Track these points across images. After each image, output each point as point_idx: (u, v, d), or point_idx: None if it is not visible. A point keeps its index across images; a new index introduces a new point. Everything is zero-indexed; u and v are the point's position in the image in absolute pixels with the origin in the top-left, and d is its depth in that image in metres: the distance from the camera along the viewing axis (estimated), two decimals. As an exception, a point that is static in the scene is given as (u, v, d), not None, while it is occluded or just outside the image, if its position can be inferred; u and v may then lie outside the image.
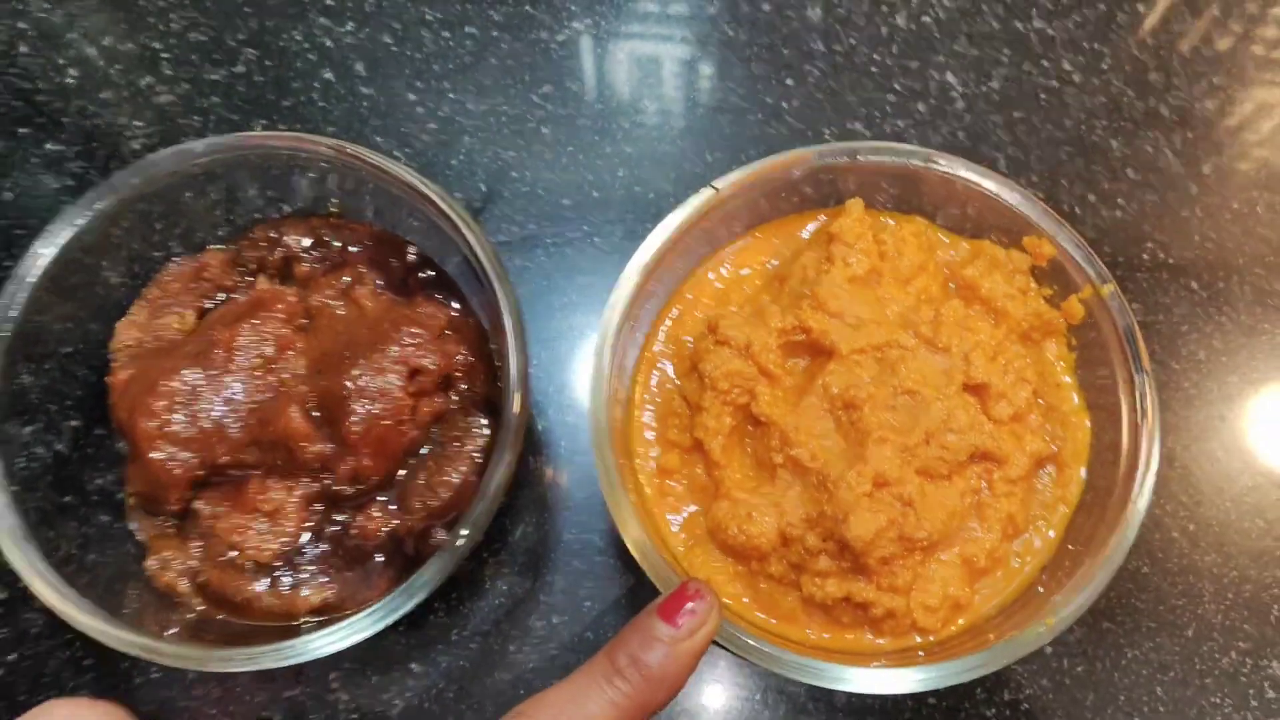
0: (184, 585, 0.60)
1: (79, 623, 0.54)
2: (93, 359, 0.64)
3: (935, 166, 0.63)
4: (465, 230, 0.60)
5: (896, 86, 0.79)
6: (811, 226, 0.66)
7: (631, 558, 0.56)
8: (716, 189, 0.62)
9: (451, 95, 0.79)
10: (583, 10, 0.81)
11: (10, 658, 0.65)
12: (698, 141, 0.77)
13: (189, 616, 0.60)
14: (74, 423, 0.62)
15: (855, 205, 0.63)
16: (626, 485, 0.57)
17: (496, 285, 0.59)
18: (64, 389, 0.62)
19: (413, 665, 0.65)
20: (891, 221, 0.65)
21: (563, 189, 0.76)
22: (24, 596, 0.51)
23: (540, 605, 0.66)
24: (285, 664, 0.54)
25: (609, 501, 0.56)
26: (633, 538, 0.56)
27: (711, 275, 0.65)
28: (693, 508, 0.61)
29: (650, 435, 0.62)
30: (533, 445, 0.69)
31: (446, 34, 0.80)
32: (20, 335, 0.59)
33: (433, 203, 0.61)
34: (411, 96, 0.78)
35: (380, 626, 0.54)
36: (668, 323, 0.64)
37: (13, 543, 0.55)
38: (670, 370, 0.64)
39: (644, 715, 0.46)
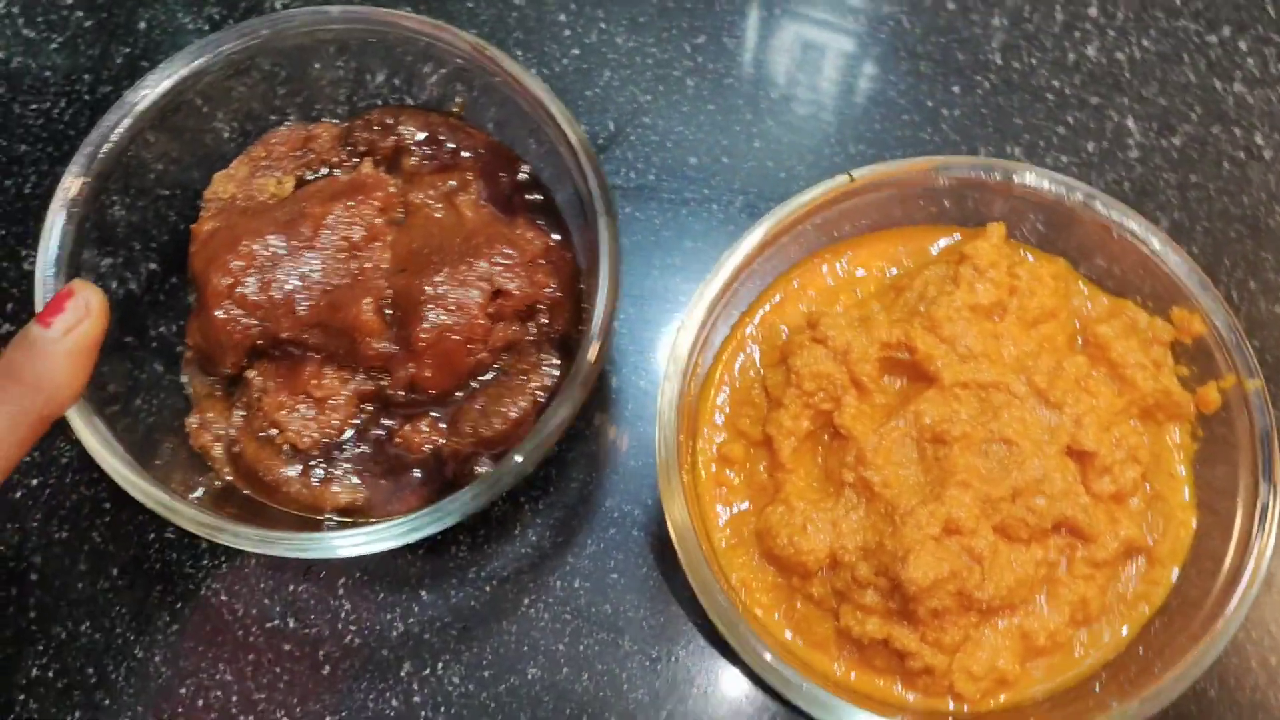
0: (218, 450, 0.59)
1: (107, 464, 0.53)
2: (185, 206, 0.63)
3: (1095, 208, 0.58)
4: (583, 160, 0.57)
5: (1069, 119, 0.74)
6: (943, 242, 0.62)
7: (669, 542, 0.53)
8: (852, 178, 0.58)
9: (602, 24, 0.76)
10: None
11: (32, 482, 0.65)
12: (843, 130, 0.73)
13: (216, 483, 0.59)
14: (152, 265, 0.62)
15: (996, 230, 0.59)
16: (683, 464, 0.54)
17: (602, 225, 0.56)
18: (151, 230, 0.62)
19: (423, 592, 0.63)
20: (1031, 257, 0.61)
21: (692, 146, 0.73)
22: (61, 424, 0.50)
23: (565, 565, 0.63)
24: (298, 556, 0.53)
25: (660, 477, 0.53)
26: (676, 519, 0.53)
27: (825, 268, 0.62)
28: (745, 505, 0.58)
29: (720, 419, 0.59)
30: (600, 401, 0.67)
31: (614, -41, 0.77)
32: (118, 163, 0.58)
33: (556, 124, 0.58)
34: (562, 17, 0.76)
35: (403, 541, 0.52)
36: (767, 307, 0.61)
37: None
38: (757, 356, 0.60)
39: (35, 421, 0.47)
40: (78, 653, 0.62)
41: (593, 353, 0.54)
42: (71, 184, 0.56)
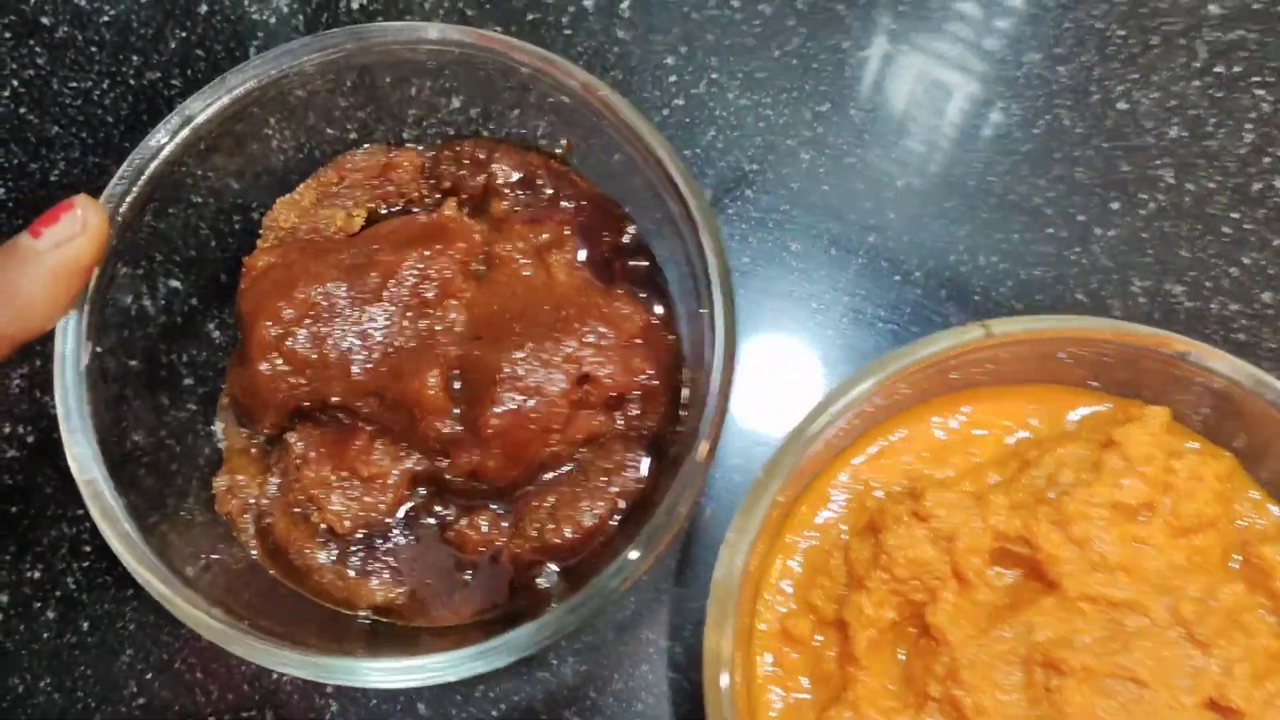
0: (247, 521, 0.52)
1: (103, 522, 0.47)
2: (219, 220, 0.56)
3: (1270, 398, 0.48)
4: (703, 233, 0.49)
5: (1245, 260, 0.64)
6: (1084, 410, 0.53)
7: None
8: (990, 333, 0.50)
9: (714, 74, 0.67)
10: (899, 30, 0.69)
11: (11, 509, 0.59)
12: (975, 237, 0.64)
13: (235, 555, 0.52)
14: (174, 283, 0.54)
15: (1158, 416, 0.49)
16: (737, 637, 0.46)
17: (719, 310, 0.48)
18: (178, 241, 0.54)
19: (421, 705, 0.55)
20: (1195, 446, 0.51)
21: (797, 230, 0.64)
22: (54, 449, 0.44)
23: (585, 701, 0.55)
24: (314, 677, 0.45)
25: (707, 647, 0.45)
26: (717, 694, 0.45)
27: (936, 418, 0.53)
28: (803, 694, 0.49)
29: (788, 585, 0.50)
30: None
31: (736, 2, 0.69)
32: (169, 175, 0.51)
33: (675, 187, 0.50)
34: (669, 60, 0.68)
35: (444, 679, 0.45)
36: (862, 457, 0.52)
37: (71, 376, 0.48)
38: (842, 516, 0.51)
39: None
40: (33, 710, 0.57)
41: (702, 451, 0.46)
42: (117, 195, 0.49)
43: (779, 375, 0.61)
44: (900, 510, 0.48)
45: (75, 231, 0.44)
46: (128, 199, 0.49)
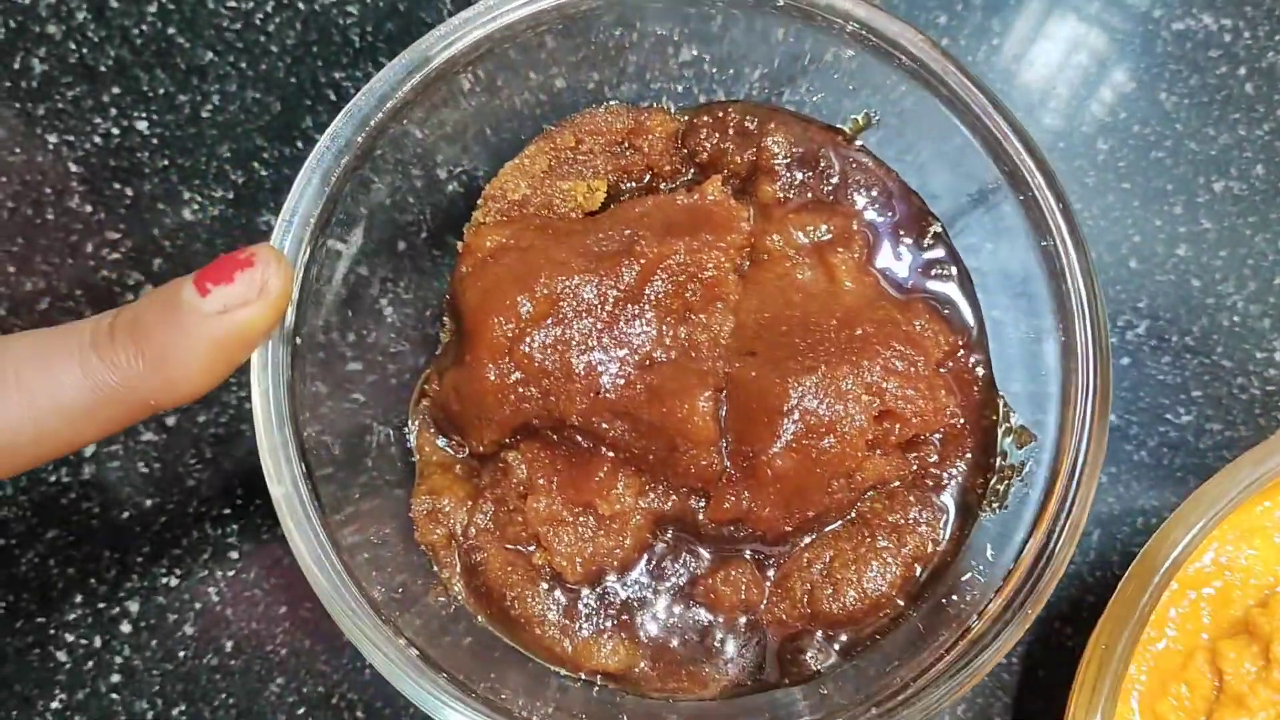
0: (450, 557, 0.43)
1: (294, 536, 0.38)
2: (397, 173, 0.46)
3: None
4: (1062, 236, 0.40)
5: None
6: None
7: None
8: None
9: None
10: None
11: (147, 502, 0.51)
12: None
13: (438, 600, 0.43)
14: (337, 245, 0.44)
15: None
16: None
17: (1086, 335, 0.39)
18: (346, 196, 0.45)
19: None
20: None
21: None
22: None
23: None
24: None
25: None
26: None
27: None
28: None
29: (1134, 696, 0.41)
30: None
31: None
32: (385, 128, 0.42)
33: (1021, 169, 0.40)
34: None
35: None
36: (1228, 536, 0.43)
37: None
38: (1205, 614, 0.42)
39: (135, 406, 0.35)
40: None
41: (1059, 549, 0.37)
42: (341, 141, 0.40)
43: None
44: (1294, 609, 0.38)
45: (251, 296, 0.35)
46: (351, 149, 0.40)
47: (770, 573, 0.43)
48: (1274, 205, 0.54)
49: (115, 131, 0.56)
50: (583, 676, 0.43)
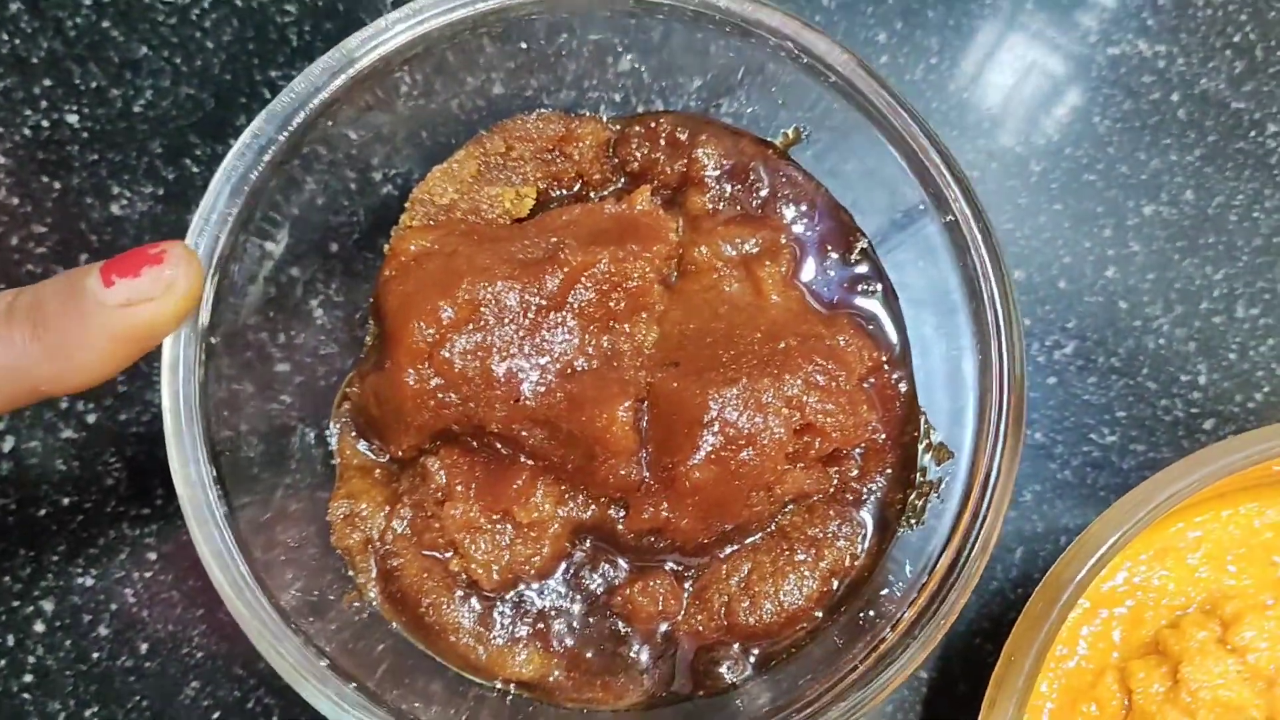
0: (367, 561, 0.43)
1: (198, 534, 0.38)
2: (330, 175, 0.46)
3: None
4: (979, 253, 0.40)
5: None
6: None
7: None
8: None
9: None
10: None
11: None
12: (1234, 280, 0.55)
13: (354, 606, 0.43)
14: (269, 246, 0.44)
15: None
16: None
17: (1003, 353, 0.40)
18: (277, 197, 0.44)
19: None
20: None
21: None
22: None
23: None
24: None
25: None
26: None
27: (1227, 513, 0.44)
28: None
29: (1045, 713, 0.42)
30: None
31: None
32: (313, 127, 0.42)
33: (943, 195, 0.41)
34: (881, 37, 0.58)
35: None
36: (1139, 562, 0.44)
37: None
38: (1116, 634, 0.43)
39: (23, 390, 0.34)
40: None
41: (971, 562, 0.38)
42: (263, 140, 0.40)
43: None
44: (1201, 636, 0.39)
45: (155, 293, 0.34)
46: (271, 148, 0.40)
47: (688, 584, 0.43)
48: (1202, 230, 0.55)
49: (45, 124, 0.55)
50: (497, 685, 0.43)
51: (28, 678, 0.51)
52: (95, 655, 0.51)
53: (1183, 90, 0.56)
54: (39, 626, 0.51)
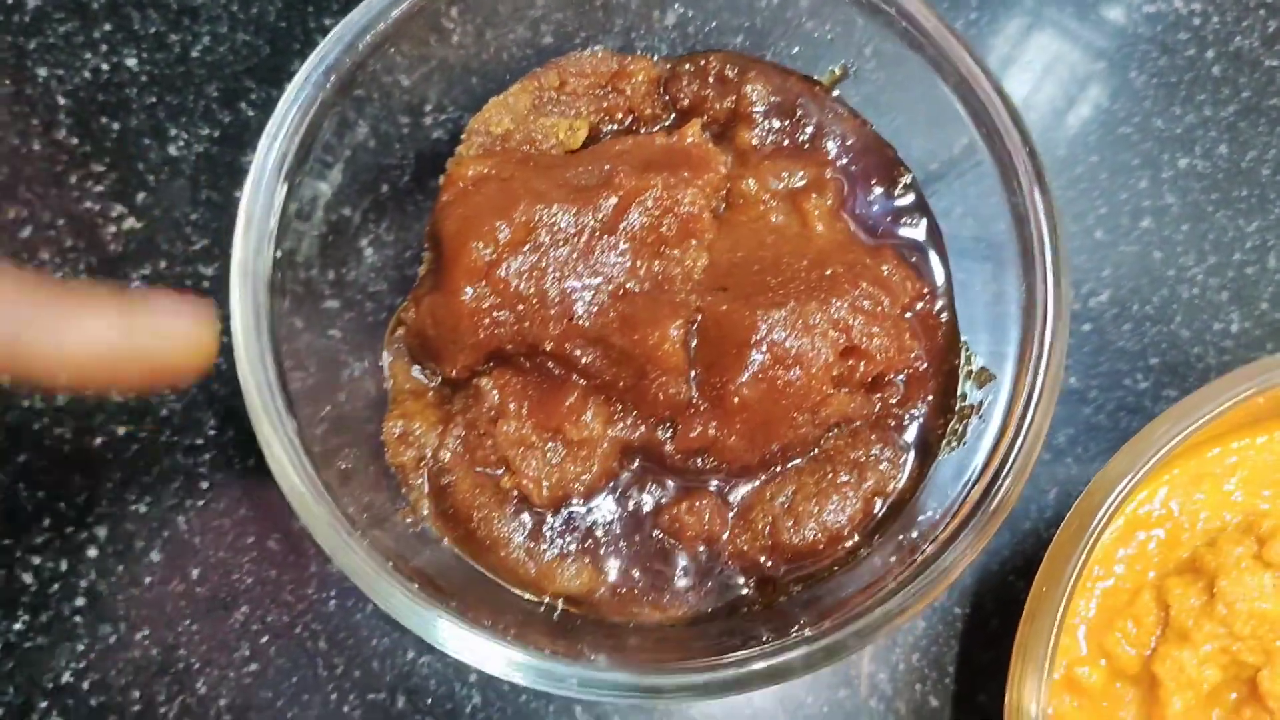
0: (420, 479, 0.45)
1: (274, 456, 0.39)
2: (382, 120, 0.47)
3: None
4: (1030, 190, 0.41)
5: None
6: None
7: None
8: None
9: None
10: None
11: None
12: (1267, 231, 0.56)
13: (405, 521, 0.44)
14: (322, 186, 0.46)
15: None
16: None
17: (1048, 288, 0.41)
18: (330, 137, 0.46)
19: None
20: None
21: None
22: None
23: None
24: (502, 673, 0.38)
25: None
26: None
27: (1264, 439, 0.45)
28: None
29: (1081, 629, 0.43)
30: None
31: None
32: (364, 65, 0.43)
33: (995, 124, 0.42)
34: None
35: (660, 704, 0.38)
36: (1174, 483, 0.45)
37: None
38: (1154, 550, 0.44)
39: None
40: (125, 665, 0.52)
41: (1007, 486, 0.39)
42: (318, 74, 0.41)
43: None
44: (1237, 551, 0.40)
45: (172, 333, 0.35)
46: (322, 90, 0.41)
47: (734, 505, 0.44)
48: (1235, 183, 0.56)
49: (105, 67, 0.57)
50: (546, 600, 0.44)
51: (80, 601, 0.52)
52: (147, 580, 0.52)
53: (1217, 48, 0.57)
54: (92, 552, 0.52)
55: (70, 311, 0.34)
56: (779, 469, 0.44)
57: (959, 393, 0.44)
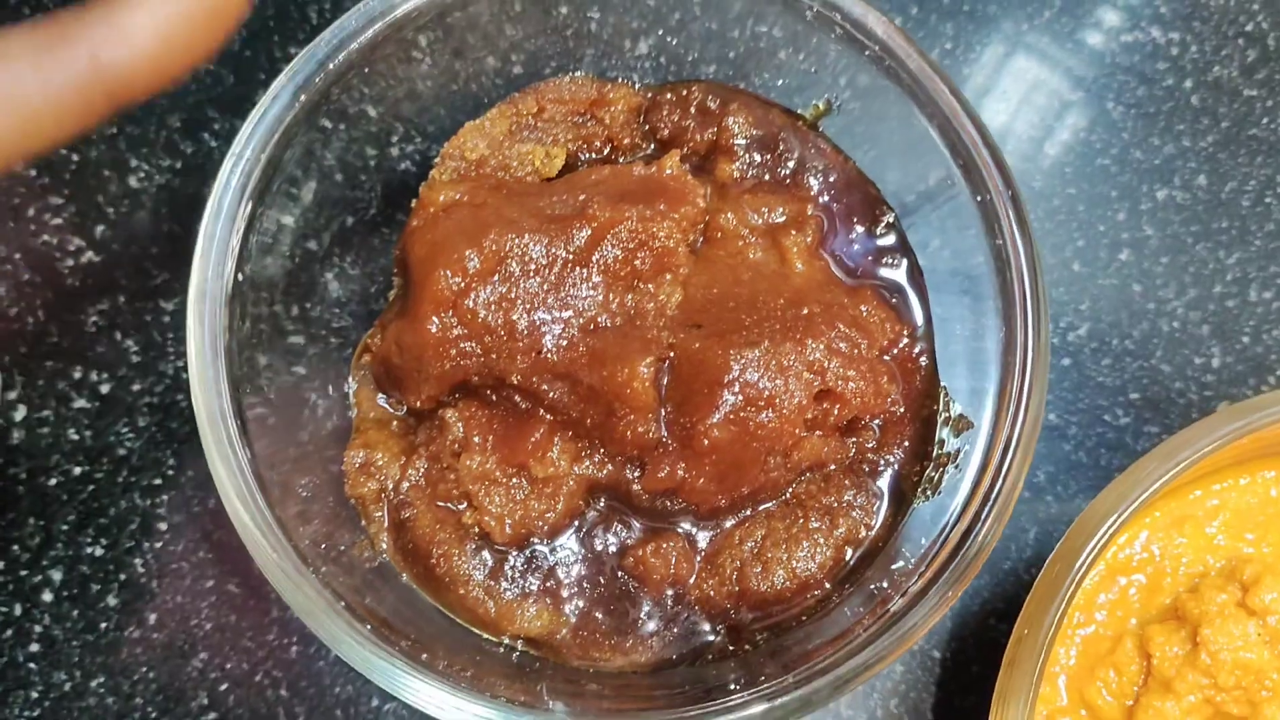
0: (379, 511, 0.44)
1: (225, 486, 0.38)
2: (349, 150, 0.46)
3: None
4: (1010, 230, 0.41)
5: None
6: None
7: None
8: None
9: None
10: None
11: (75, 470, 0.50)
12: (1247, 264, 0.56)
13: (364, 555, 0.43)
14: (286, 220, 0.45)
15: None
16: None
17: (1029, 328, 0.40)
18: (295, 170, 0.45)
19: None
20: None
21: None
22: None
23: None
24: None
25: None
26: None
27: (1247, 480, 0.44)
28: None
29: (1062, 677, 0.42)
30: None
31: None
32: (338, 82, 0.42)
33: (979, 165, 0.41)
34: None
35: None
36: (1156, 524, 0.44)
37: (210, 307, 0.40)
38: (1135, 598, 0.43)
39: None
40: (80, 714, 0.50)
41: (983, 536, 0.38)
42: (287, 93, 0.41)
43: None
44: (1221, 599, 0.39)
45: None
46: (296, 103, 0.41)
47: (701, 548, 0.43)
48: (1215, 215, 0.55)
49: (66, 93, 0.56)
50: (505, 640, 0.43)
51: (34, 647, 0.50)
52: (103, 625, 0.51)
53: (1195, 77, 0.57)
54: (46, 596, 0.51)
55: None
56: (749, 512, 0.43)
57: (936, 439, 0.43)
